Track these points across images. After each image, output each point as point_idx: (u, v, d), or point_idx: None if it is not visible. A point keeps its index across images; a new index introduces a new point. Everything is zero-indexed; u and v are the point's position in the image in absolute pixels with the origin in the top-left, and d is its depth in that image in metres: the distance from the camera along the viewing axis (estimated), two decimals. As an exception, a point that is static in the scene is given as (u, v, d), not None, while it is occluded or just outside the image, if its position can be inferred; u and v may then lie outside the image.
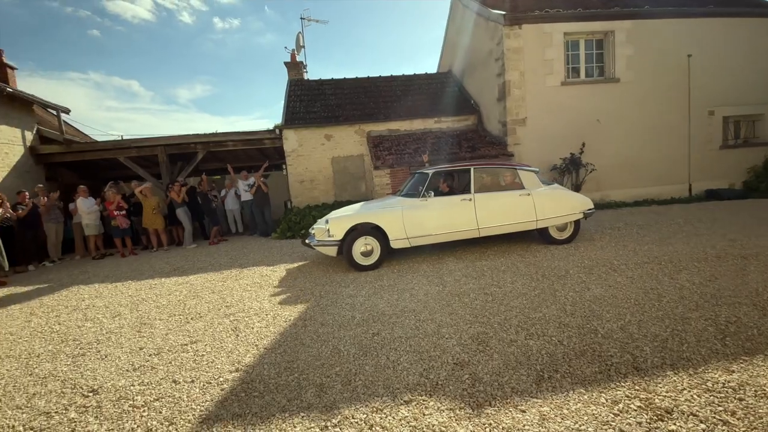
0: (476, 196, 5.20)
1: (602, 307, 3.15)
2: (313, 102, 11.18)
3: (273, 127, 11.05)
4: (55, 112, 10.03)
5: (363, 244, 4.96)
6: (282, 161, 10.85)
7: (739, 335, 2.54)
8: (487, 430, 1.84)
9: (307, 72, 13.60)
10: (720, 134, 9.79)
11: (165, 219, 8.19)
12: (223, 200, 9.70)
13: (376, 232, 4.99)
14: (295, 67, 12.59)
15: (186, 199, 8.21)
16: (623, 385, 2.10)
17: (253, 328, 3.32)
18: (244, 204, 9.17)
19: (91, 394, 2.45)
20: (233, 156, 11.24)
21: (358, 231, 4.94)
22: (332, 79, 12.42)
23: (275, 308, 3.79)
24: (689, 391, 2.00)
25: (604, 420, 1.84)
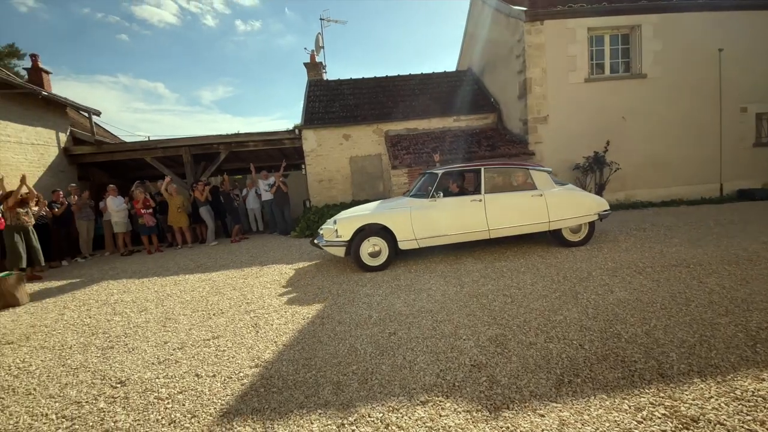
0: (486, 197, 5.09)
1: (626, 311, 3.06)
2: (331, 102, 11.28)
3: (293, 128, 11.21)
4: (86, 114, 10.48)
5: (371, 244, 4.94)
6: (301, 161, 11.00)
7: (773, 343, 2.42)
8: (505, 433, 1.82)
9: (326, 72, 13.73)
10: (753, 132, 9.35)
11: (189, 217, 8.44)
12: (244, 199, 9.91)
13: (385, 233, 4.96)
14: (314, 67, 12.73)
15: (209, 198, 8.45)
16: (647, 391, 2.03)
17: (272, 324, 3.39)
18: (265, 203, 9.34)
19: (119, 385, 2.56)
20: (254, 156, 11.47)
21: (366, 232, 4.93)
22: (351, 78, 12.52)
23: (294, 306, 3.85)
24: (717, 399, 1.92)
25: (627, 427, 1.79)
